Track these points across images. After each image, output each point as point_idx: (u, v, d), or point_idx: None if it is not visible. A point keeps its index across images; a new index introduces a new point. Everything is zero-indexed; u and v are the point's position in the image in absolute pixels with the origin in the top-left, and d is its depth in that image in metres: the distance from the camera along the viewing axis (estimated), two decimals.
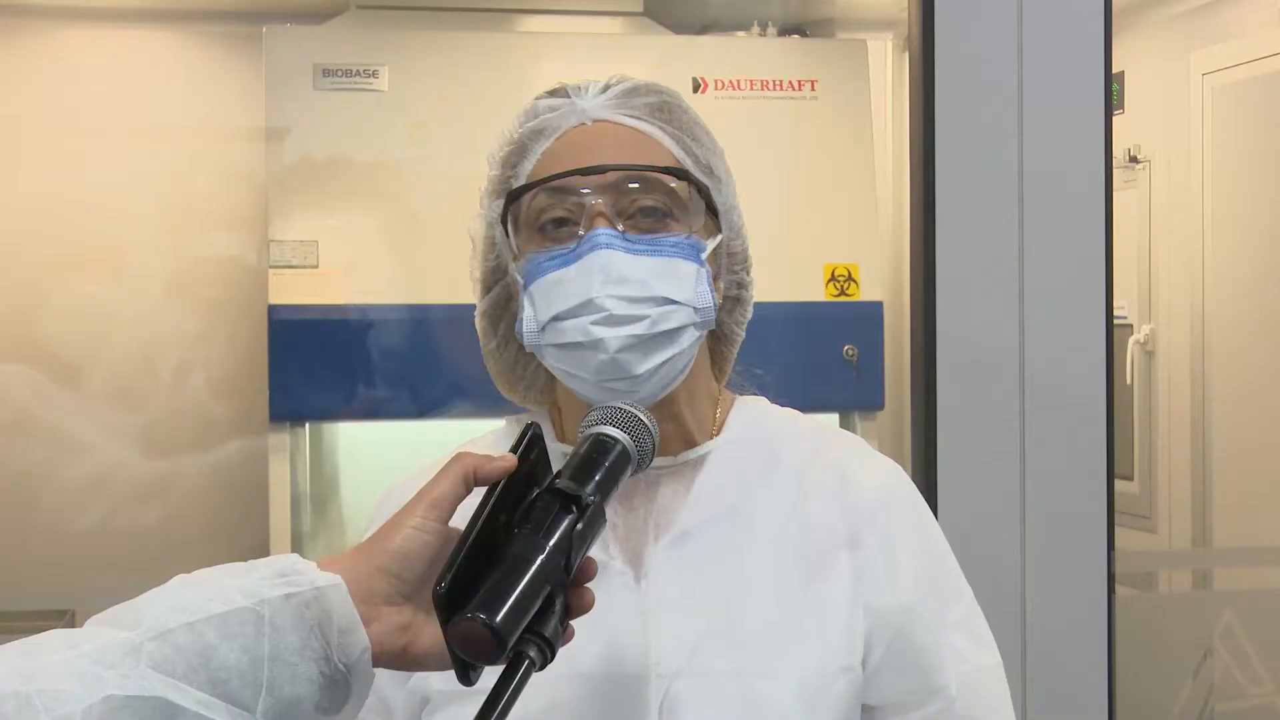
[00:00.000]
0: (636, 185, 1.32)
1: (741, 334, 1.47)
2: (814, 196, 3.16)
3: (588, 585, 1.09)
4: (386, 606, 1.05)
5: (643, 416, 1.18)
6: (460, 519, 1.07)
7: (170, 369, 3.32)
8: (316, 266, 3.02)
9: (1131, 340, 3.94)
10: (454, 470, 1.08)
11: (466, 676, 1.02)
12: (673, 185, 1.33)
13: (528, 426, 1.12)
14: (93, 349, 3.28)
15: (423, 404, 3.07)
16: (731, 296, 1.43)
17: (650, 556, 1.35)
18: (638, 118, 1.36)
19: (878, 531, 1.38)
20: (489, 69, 3.16)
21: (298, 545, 3.11)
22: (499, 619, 0.98)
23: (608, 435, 1.15)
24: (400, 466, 3.22)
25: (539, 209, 1.34)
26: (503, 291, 1.42)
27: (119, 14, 3.49)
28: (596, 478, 1.11)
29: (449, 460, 1.09)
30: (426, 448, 3.20)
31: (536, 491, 1.09)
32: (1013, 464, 2.11)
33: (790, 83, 3.21)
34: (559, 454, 1.39)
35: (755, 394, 1.50)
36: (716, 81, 3.20)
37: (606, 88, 1.39)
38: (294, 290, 3.01)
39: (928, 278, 2.08)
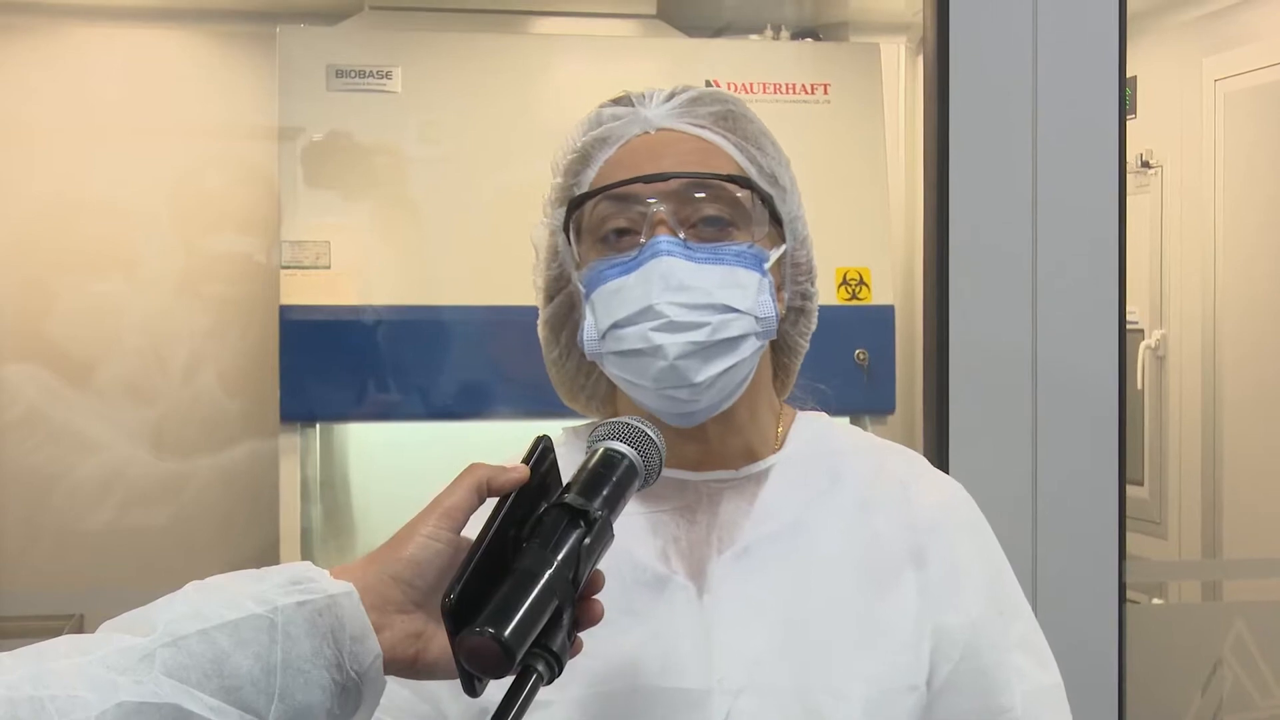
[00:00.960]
0: (699, 194, 1.31)
1: (805, 345, 1.46)
2: (826, 200, 3.14)
3: (596, 598, 1.09)
4: (398, 614, 1.05)
5: (650, 432, 1.18)
6: (472, 529, 1.07)
7: (181, 369, 3.32)
8: (328, 267, 3.02)
9: (1143, 345, 3.93)
10: (467, 480, 1.09)
11: (473, 688, 1.03)
12: (736, 194, 1.32)
13: (539, 439, 1.12)
14: (103, 349, 3.28)
15: (433, 405, 3.07)
16: (795, 307, 1.42)
17: (713, 571, 1.33)
18: (702, 126, 1.35)
19: (942, 548, 1.37)
20: (502, 71, 3.17)
21: (307, 546, 3.11)
22: (507, 633, 0.98)
23: (615, 450, 1.15)
24: (411, 468, 3.25)
25: (601, 217, 1.33)
26: (565, 300, 1.41)
27: (132, 12, 3.50)
28: (604, 493, 1.11)
29: (462, 471, 1.10)
30: (438, 449, 3.23)
31: (545, 505, 1.09)
32: (1024, 469, 2.10)
33: (803, 86, 3.21)
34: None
35: (816, 409, 1.49)
36: (729, 84, 3.19)
37: (671, 96, 1.38)
38: (305, 291, 3.01)
39: (940, 282, 2.08)
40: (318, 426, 3.16)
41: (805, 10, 3.64)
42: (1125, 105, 2.07)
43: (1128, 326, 2.35)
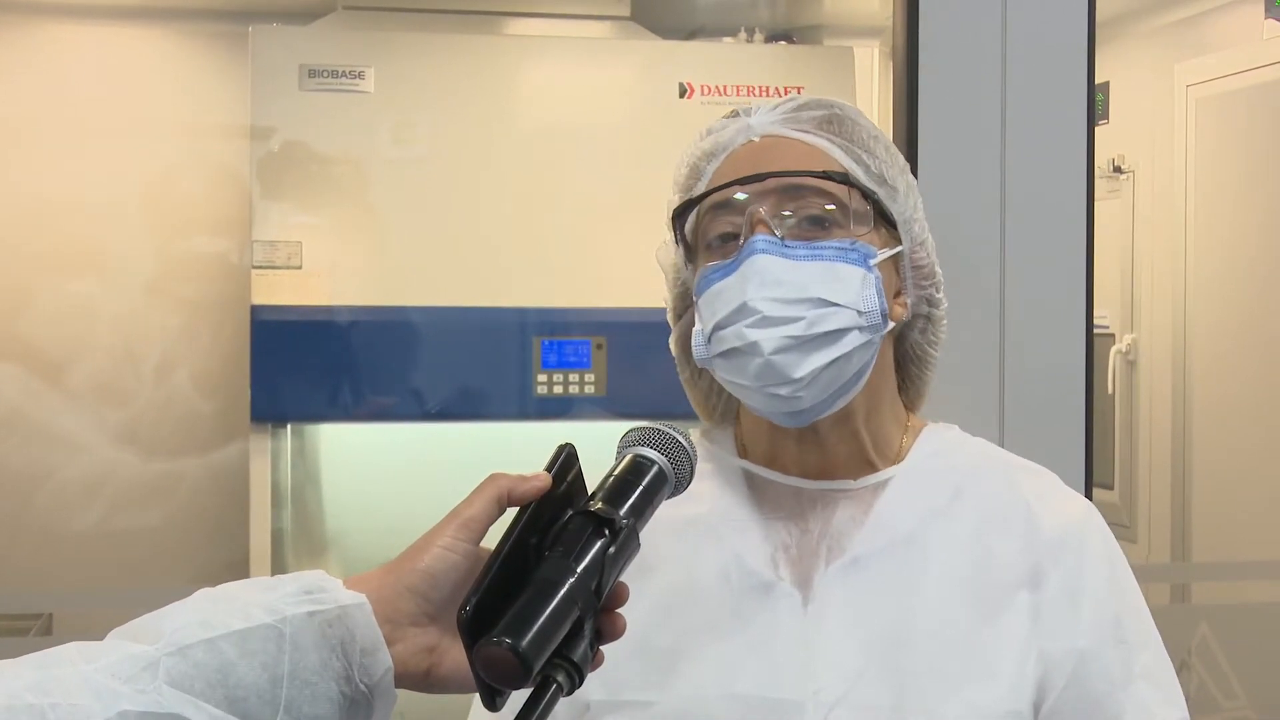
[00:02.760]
0: (797, 192, 1.30)
1: (935, 354, 1.43)
2: None
3: (619, 611, 1.06)
4: (412, 627, 1.03)
5: (681, 439, 1.14)
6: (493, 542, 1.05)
7: (154, 370, 3.31)
8: (300, 267, 3.01)
9: (1114, 350, 3.95)
10: (487, 490, 1.06)
11: (493, 702, 1.00)
12: (834, 191, 1.30)
13: (562, 447, 1.09)
14: (76, 349, 3.27)
15: (405, 406, 3.06)
16: (921, 314, 1.39)
17: (820, 580, 1.31)
18: (805, 131, 1.35)
19: (1061, 572, 1.32)
20: (475, 71, 3.16)
21: (279, 547, 3.10)
22: (524, 644, 0.95)
23: (644, 457, 1.12)
24: (382, 468, 3.25)
25: (708, 226, 1.33)
26: (691, 318, 1.37)
27: (104, 11, 3.49)
28: (631, 500, 1.08)
29: (483, 480, 1.07)
30: (410, 449, 3.22)
31: (570, 513, 1.06)
32: None
33: (776, 89, 3.22)
34: (737, 470, 1.38)
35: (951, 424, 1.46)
36: (703, 87, 3.20)
37: (778, 105, 1.38)
38: (277, 291, 3.00)
39: None
40: (289, 427, 3.16)
41: (779, 13, 3.65)
42: (1094, 110, 2.07)
43: (1099, 331, 2.36)
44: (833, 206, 1.30)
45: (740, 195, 1.30)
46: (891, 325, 1.33)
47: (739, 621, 1.30)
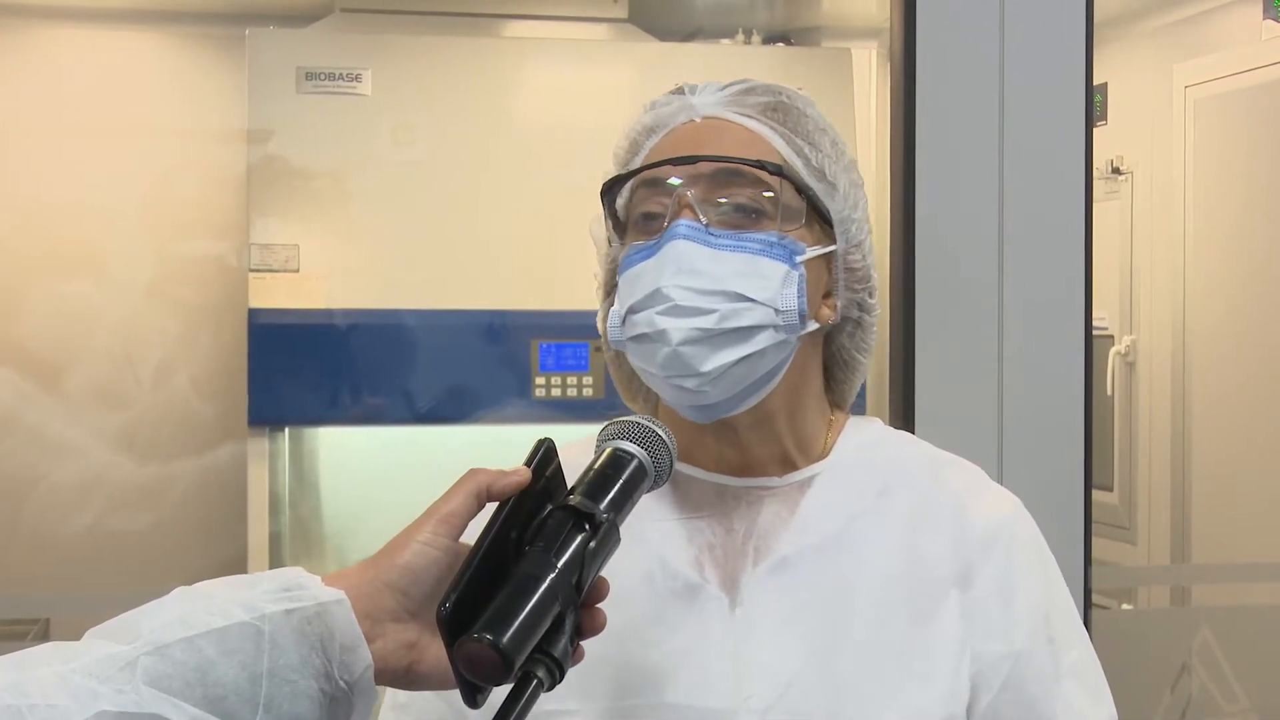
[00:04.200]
0: (728, 178, 1.26)
1: (863, 360, 1.38)
2: None
3: (610, 603, 1.05)
4: (392, 623, 1.02)
5: (660, 432, 1.13)
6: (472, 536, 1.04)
7: (152, 373, 3.30)
8: (297, 270, 3.01)
9: (1113, 351, 3.94)
10: (466, 485, 1.06)
11: (473, 699, 1.00)
12: (768, 181, 1.26)
13: (541, 441, 1.09)
14: (73, 351, 3.26)
15: (403, 409, 3.06)
16: (851, 318, 1.35)
17: (747, 582, 1.28)
18: (749, 116, 1.31)
19: (991, 570, 1.30)
20: (473, 74, 3.16)
21: (276, 550, 3.10)
22: (505, 639, 0.95)
23: (624, 450, 1.11)
24: (380, 471, 3.24)
25: (637, 203, 1.31)
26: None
27: (101, 14, 3.48)
28: (611, 495, 1.07)
29: (462, 476, 1.07)
30: (407, 452, 3.21)
31: (549, 508, 1.06)
32: (990, 476, 2.10)
33: None
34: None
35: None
36: None
37: (725, 87, 1.33)
38: (274, 294, 3.00)
39: (906, 288, 2.08)
40: (287, 430, 3.15)
41: (777, 15, 3.64)
42: (1092, 111, 2.07)
43: (1098, 333, 2.36)
44: (764, 197, 1.26)
45: (672, 178, 1.27)
46: (815, 326, 1.30)
47: (665, 628, 1.27)
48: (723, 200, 1.26)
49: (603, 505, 1.06)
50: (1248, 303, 3.59)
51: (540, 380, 3.08)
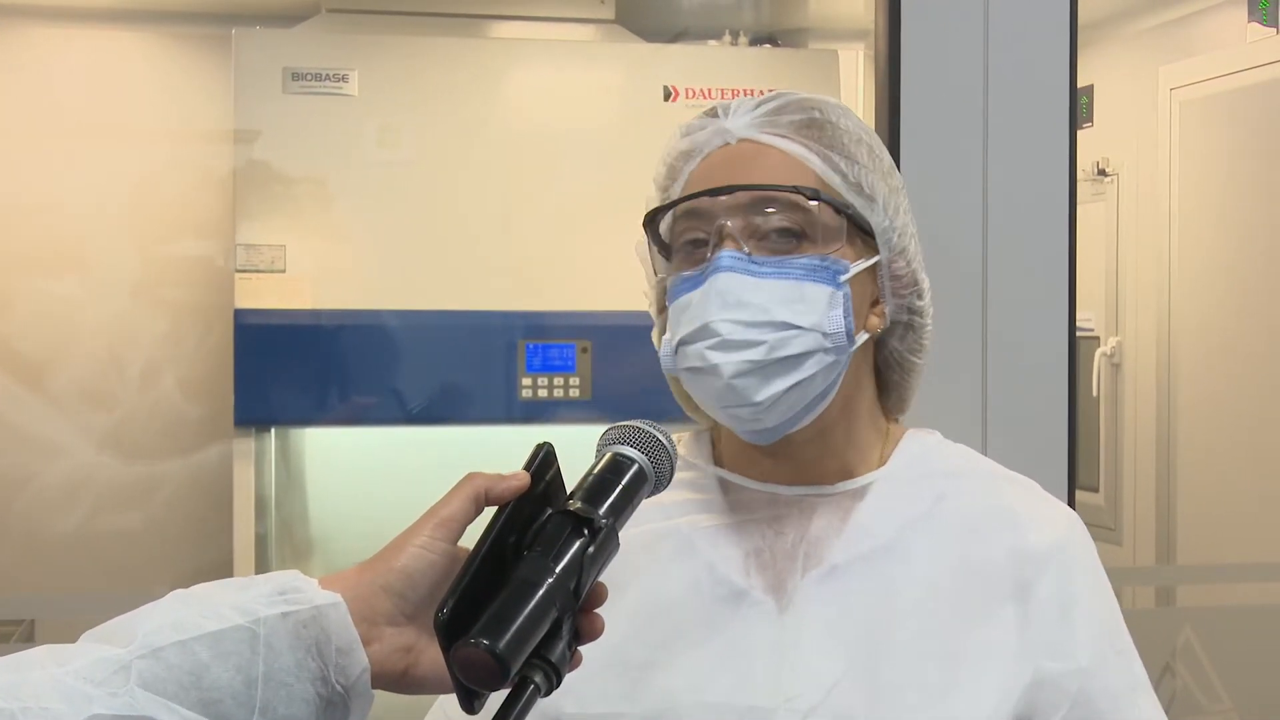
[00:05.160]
0: (768, 207, 1.27)
1: (918, 362, 1.39)
2: None
3: (598, 611, 1.05)
4: (389, 627, 1.02)
5: (661, 437, 1.12)
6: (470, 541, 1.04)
7: (139, 373, 3.30)
8: (284, 271, 3.01)
9: (1098, 353, 3.95)
10: (465, 489, 1.05)
11: (470, 704, 0.99)
12: (806, 205, 1.27)
13: (540, 446, 1.08)
14: (58, 351, 3.26)
15: (390, 409, 3.06)
16: (901, 322, 1.36)
17: (796, 588, 1.29)
18: (783, 136, 1.32)
19: (1050, 585, 1.30)
20: (460, 74, 3.16)
21: (263, 551, 3.09)
22: (502, 645, 0.94)
23: (624, 455, 1.10)
24: (367, 472, 3.24)
25: (680, 231, 1.31)
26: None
27: (87, 14, 3.48)
28: (610, 500, 1.06)
29: (461, 480, 1.06)
30: (394, 453, 3.21)
31: (548, 513, 1.05)
32: None
33: (761, 92, 3.20)
34: (712, 477, 1.37)
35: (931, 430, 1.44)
36: (687, 90, 3.20)
37: (758, 105, 1.34)
38: (261, 295, 3.00)
39: None
40: (273, 431, 3.15)
41: (764, 16, 3.65)
42: (1077, 112, 2.08)
43: (1083, 334, 2.36)
44: (804, 221, 1.27)
45: (709, 205, 1.28)
46: (865, 337, 1.31)
47: (710, 630, 1.28)
48: (763, 228, 1.27)
49: (602, 510, 1.05)
50: (1233, 304, 3.60)
51: (527, 381, 3.08)
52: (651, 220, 1.35)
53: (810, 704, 1.24)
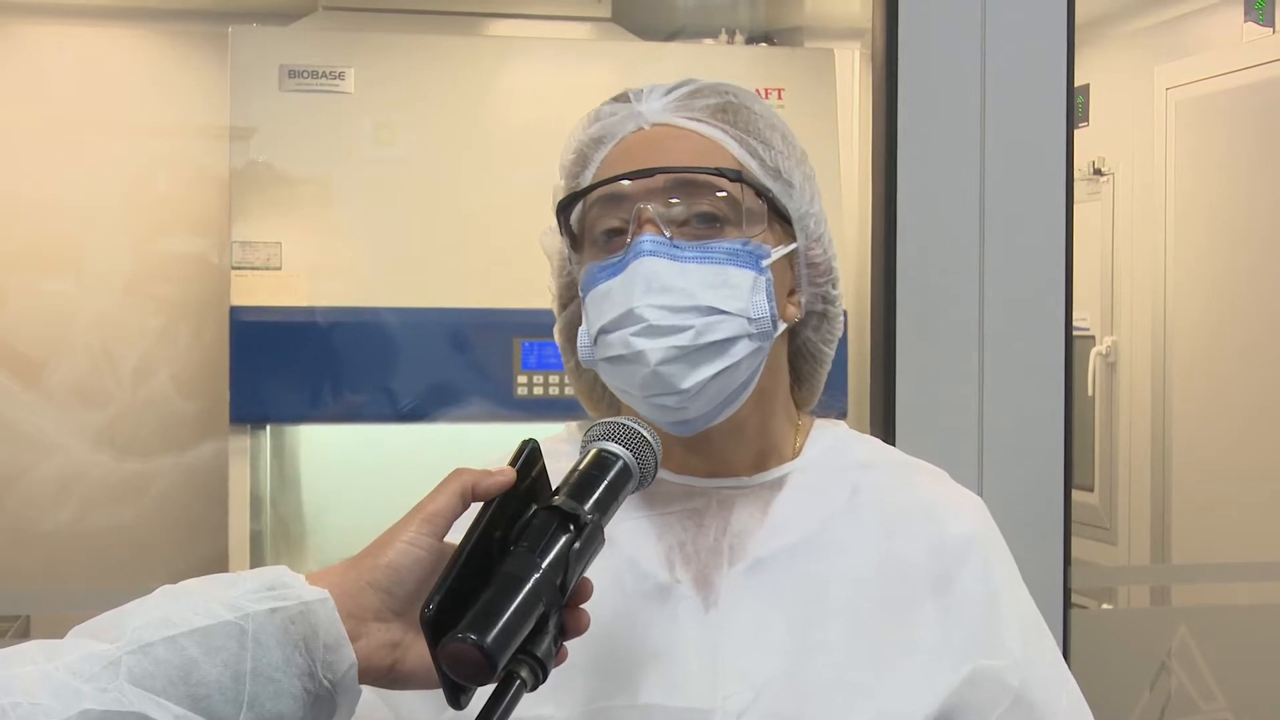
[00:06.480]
0: (687, 190, 1.25)
1: (829, 352, 1.38)
2: None
3: (583, 606, 1.06)
4: (376, 623, 1.02)
5: (645, 433, 1.13)
6: (457, 536, 1.04)
7: (133, 370, 3.30)
8: (279, 268, 3.00)
9: (1094, 352, 3.95)
10: (451, 485, 1.06)
11: (456, 700, 1.00)
12: (725, 188, 1.25)
13: (525, 442, 1.09)
14: (53, 348, 3.25)
15: (385, 407, 3.06)
16: (816, 311, 1.35)
17: (722, 583, 1.28)
18: (699, 120, 1.29)
19: (970, 577, 1.30)
20: (456, 72, 3.16)
21: (257, 548, 3.09)
22: (489, 639, 0.95)
23: (608, 451, 1.11)
24: (362, 469, 3.23)
25: (594, 219, 1.28)
26: (577, 308, 1.33)
27: (83, 10, 3.47)
28: (595, 496, 1.07)
29: (447, 475, 1.07)
30: (389, 451, 3.21)
31: (534, 508, 1.06)
32: (970, 474, 2.11)
33: (758, 90, 3.21)
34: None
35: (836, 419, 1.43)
36: None
37: (670, 90, 1.32)
38: (256, 292, 2.99)
39: (888, 288, 2.08)
40: (268, 428, 3.15)
41: (759, 15, 3.65)
42: (1073, 112, 2.08)
43: (1079, 333, 2.36)
44: (725, 204, 1.25)
45: (628, 190, 1.26)
46: (785, 327, 1.29)
47: (638, 629, 1.26)
48: (683, 211, 1.25)
49: (587, 506, 1.06)
50: (1228, 304, 3.61)
51: (522, 379, 3.08)
52: (564, 209, 1.31)
53: (743, 704, 1.23)
